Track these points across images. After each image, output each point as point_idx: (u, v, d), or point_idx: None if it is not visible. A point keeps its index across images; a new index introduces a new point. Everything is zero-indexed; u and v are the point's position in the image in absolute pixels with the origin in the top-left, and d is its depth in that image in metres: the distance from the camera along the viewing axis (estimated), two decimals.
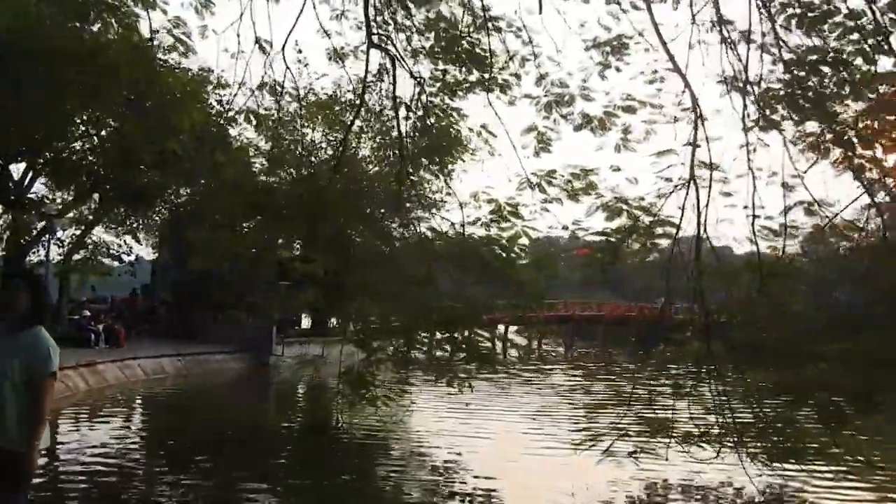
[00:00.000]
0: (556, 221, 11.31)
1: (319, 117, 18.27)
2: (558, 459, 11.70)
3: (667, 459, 9.74)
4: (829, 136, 9.11)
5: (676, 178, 9.32)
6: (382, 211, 13.68)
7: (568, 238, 11.54)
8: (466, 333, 12.03)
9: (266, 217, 15.19)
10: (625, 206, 10.12)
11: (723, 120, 10.23)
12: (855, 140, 9.07)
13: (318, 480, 10.69)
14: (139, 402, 19.06)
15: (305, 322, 35.57)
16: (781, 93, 8.95)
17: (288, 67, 10.98)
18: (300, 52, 23.04)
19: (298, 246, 17.49)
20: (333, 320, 33.68)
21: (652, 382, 10.65)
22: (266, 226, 14.37)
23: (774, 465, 9.21)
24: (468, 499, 9.76)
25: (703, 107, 9.51)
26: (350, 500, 9.70)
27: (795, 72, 9.23)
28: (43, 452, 4.53)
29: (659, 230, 9.91)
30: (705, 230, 9.05)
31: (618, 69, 11.13)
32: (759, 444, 9.12)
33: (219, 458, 11.71)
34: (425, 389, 13.39)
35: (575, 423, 14.41)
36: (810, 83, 9.08)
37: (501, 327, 20.46)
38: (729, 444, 9.37)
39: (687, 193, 8.94)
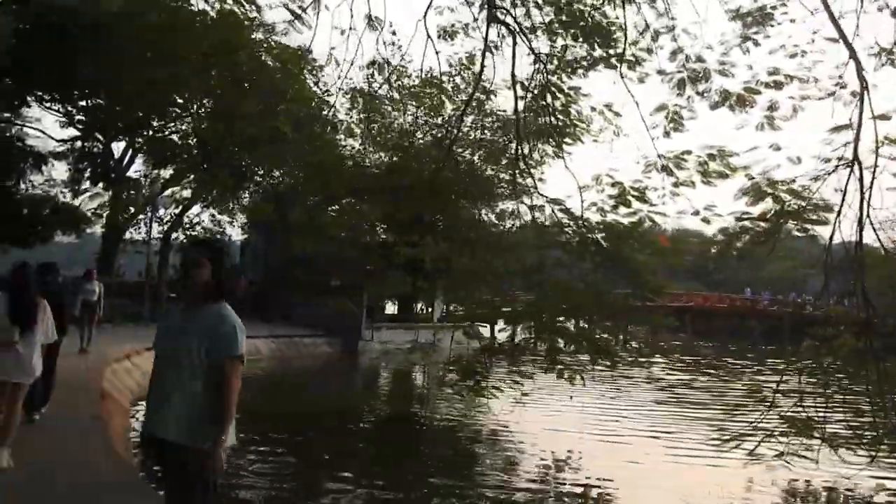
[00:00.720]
0: (688, 206, 10.76)
1: (428, 98, 18.15)
2: (682, 460, 11.22)
3: (816, 463, 9.17)
4: None
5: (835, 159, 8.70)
6: (495, 194, 13.39)
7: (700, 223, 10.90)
8: (586, 322, 11.69)
9: (369, 198, 15.18)
10: (770, 189, 9.49)
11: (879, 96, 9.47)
12: None
13: (418, 474, 10.41)
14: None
15: (390, 308, 35.79)
16: None
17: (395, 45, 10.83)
18: (394, 33, 22.96)
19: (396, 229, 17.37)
20: (421, 306, 33.94)
21: (795, 379, 10.00)
22: (368, 207, 14.39)
23: None
24: (581, 500, 9.28)
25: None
26: (452, 498, 9.29)
27: None
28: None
29: (812, 215, 9.27)
30: (868, 216, 8.38)
31: (756, 43, 10.51)
32: None
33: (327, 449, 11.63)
34: (534, 384, 12.97)
35: (701, 422, 13.79)
36: None
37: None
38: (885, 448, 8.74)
39: (850, 175, 8.29)
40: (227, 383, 3.69)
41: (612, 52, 11.08)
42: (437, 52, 11.54)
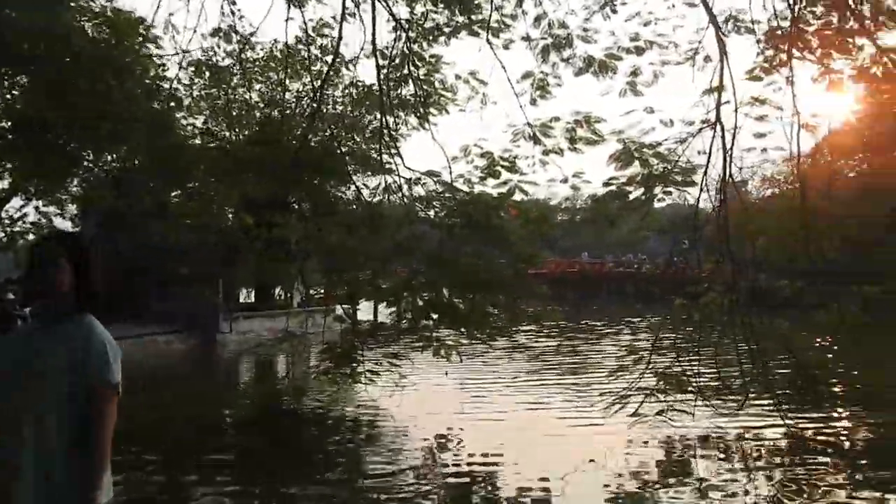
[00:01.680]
0: (558, 174, 10.90)
1: (276, 71, 17.27)
2: (566, 428, 11.45)
3: (692, 416, 9.64)
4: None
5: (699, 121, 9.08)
6: (359, 168, 12.96)
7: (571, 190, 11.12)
8: (462, 296, 11.62)
9: (225, 179, 14.25)
10: (637, 154, 9.77)
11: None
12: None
13: (290, 472, 9.88)
14: None
15: (247, 296, 34.35)
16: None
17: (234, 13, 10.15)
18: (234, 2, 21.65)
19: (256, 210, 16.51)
20: (279, 292, 32.76)
21: (668, 338, 10.47)
22: (224, 189, 13.52)
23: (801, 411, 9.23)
24: (469, 478, 9.15)
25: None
26: (333, 490, 8.86)
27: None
28: None
29: (675, 177, 9.64)
30: (731, 176, 8.83)
31: (613, 10, 10.75)
32: (785, 392, 9.11)
33: (169, 453, 10.75)
34: (412, 364, 12.76)
35: (582, 388, 14.13)
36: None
37: None
38: (754, 394, 9.33)
39: (714, 136, 8.68)
40: (100, 422, 2.86)
41: (474, 17, 10.95)
42: (287, 20, 10.91)
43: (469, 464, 9.67)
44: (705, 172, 8.78)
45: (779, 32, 9.55)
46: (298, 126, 12.92)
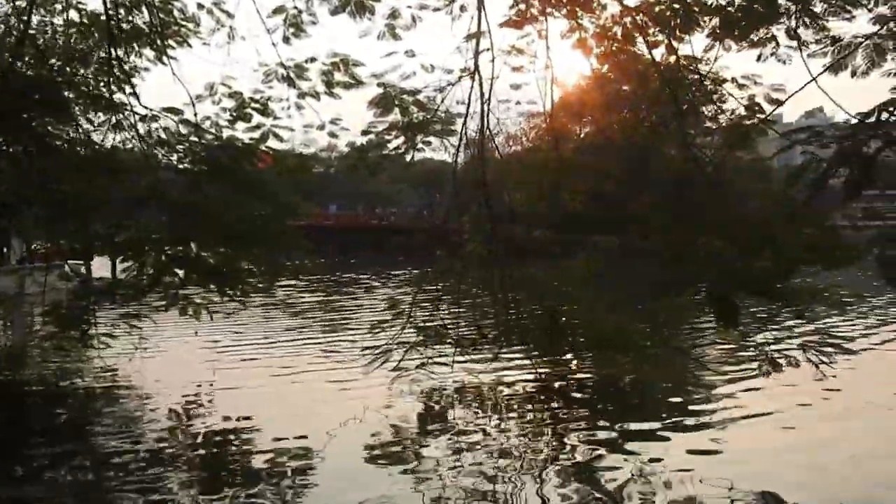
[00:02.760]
0: (315, 119, 10.25)
1: None
2: (325, 383, 11.11)
3: (451, 367, 9.73)
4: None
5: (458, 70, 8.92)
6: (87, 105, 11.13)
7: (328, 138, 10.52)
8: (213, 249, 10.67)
9: None
10: (398, 102, 9.43)
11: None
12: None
13: (15, 450, 8.60)
14: None
15: None
16: None
17: None
18: None
19: None
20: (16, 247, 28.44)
21: (430, 290, 10.42)
22: None
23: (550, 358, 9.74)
24: (222, 442, 8.55)
25: None
26: (65, 470, 7.81)
27: None
28: None
29: (434, 127, 9.46)
30: (489, 127, 8.84)
31: None
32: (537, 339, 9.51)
33: None
34: (155, 325, 11.57)
35: (341, 344, 13.80)
36: None
37: None
38: (508, 343, 9.64)
39: (472, 87, 8.58)
40: None
41: None
42: None
43: (222, 429, 9.00)
44: (465, 122, 8.70)
45: None
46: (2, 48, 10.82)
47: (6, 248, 27.19)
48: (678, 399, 9.91)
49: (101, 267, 13.24)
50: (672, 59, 8.52)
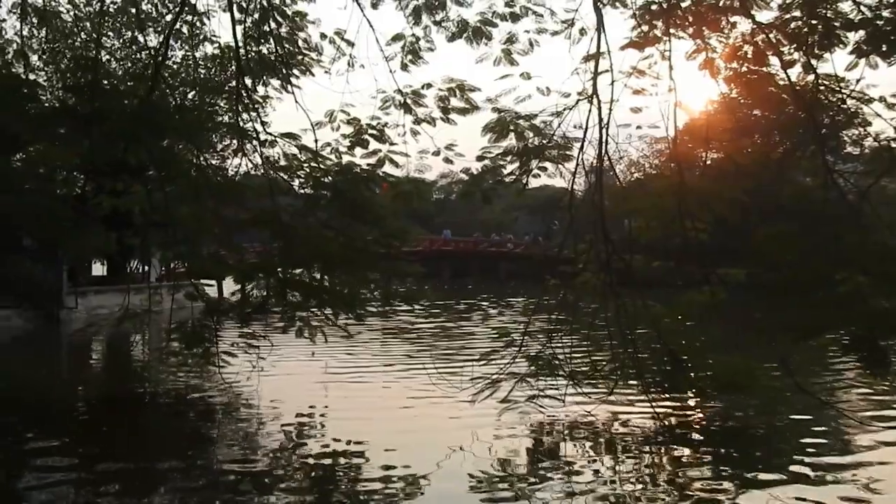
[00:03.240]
0: (430, 145, 10.25)
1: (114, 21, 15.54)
2: (434, 410, 10.96)
3: (563, 401, 9.35)
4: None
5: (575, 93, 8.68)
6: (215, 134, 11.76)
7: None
8: (329, 273, 10.86)
9: (60, 139, 12.72)
10: (513, 127, 9.27)
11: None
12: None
13: (140, 460, 8.94)
14: None
15: (98, 269, 31.90)
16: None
17: None
18: None
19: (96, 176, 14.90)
20: (136, 266, 30.55)
21: (541, 319, 10.12)
22: (59, 150, 11.99)
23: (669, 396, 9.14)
24: (331, 464, 8.56)
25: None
26: (183, 482, 8.07)
27: None
28: None
29: (550, 153, 9.24)
30: (607, 151, 8.50)
31: None
32: (655, 376, 8.98)
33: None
34: (271, 345, 11.85)
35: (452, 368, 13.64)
36: None
37: None
38: (624, 378, 9.16)
39: (590, 111, 8.30)
40: None
41: None
42: None
43: (332, 451, 9.05)
44: (582, 147, 8.41)
45: (654, 7, 9.28)
46: (141, 79, 11.54)
47: (147, 267, 29.09)
48: (812, 448, 9.03)
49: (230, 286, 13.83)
50: (810, 78, 7.91)
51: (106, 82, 11.88)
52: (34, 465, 8.25)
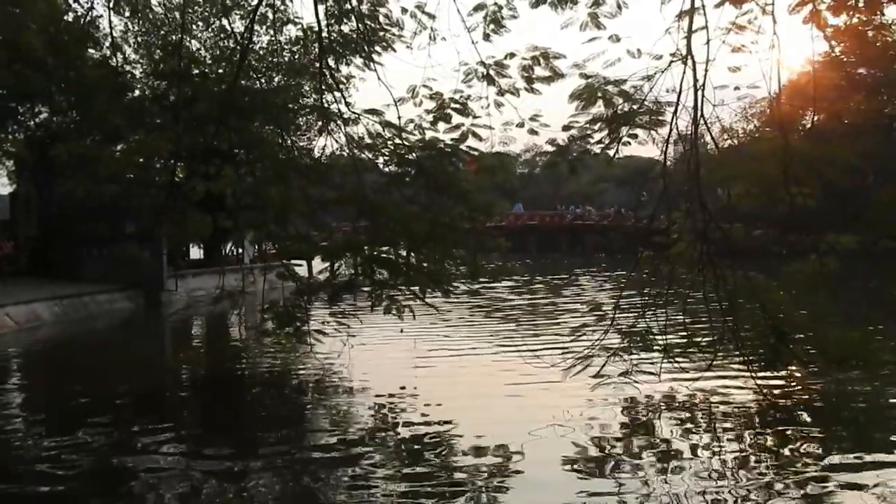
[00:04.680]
0: (514, 116, 10.01)
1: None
2: (526, 387, 10.84)
3: (658, 376, 9.04)
4: None
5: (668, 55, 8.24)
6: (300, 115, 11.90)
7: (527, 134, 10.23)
8: (417, 250, 10.84)
9: (153, 127, 13.17)
10: (601, 93, 8.90)
11: None
12: None
13: (240, 432, 9.26)
14: (13, 357, 16.56)
15: (196, 253, 33.16)
16: None
17: None
18: None
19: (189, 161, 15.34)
20: (231, 248, 31.61)
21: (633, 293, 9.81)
22: (153, 138, 12.38)
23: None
24: (424, 439, 8.52)
25: None
26: (276, 450, 8.33)
27: None
28: None
29: (641, 119, 8.83)
30: (702, 115, 8.06)
31: None
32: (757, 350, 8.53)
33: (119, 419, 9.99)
34: (360, 322, 11.95)
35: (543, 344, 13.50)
36: None
37: None
38: (724, 353, 8.75)
39: (684, 73, 7.86)
40: None
41: None
42: None
43: (424, 424, 9.11)
44: (675, 112, 7.99)
45: None
46: (229, 64, 11.76)
47: (241, 249, 30.03)
48: None
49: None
50: None
51: (196, 70, 12.15)
52: (140, 444, 8.57)
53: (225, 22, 13.74)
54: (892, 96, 38.31)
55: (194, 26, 18.67)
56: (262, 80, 11.69)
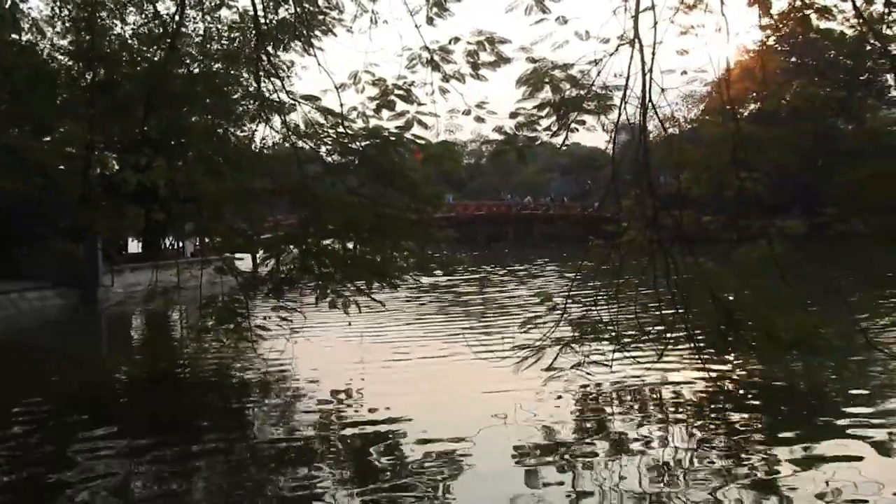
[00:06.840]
0: (460, 104, 9.72)
1: None
2: (475, 380, 10.64)
3: (610, 367, 8.94)
4: None
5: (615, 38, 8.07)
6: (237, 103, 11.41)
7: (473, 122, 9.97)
8: (361, 242, 10.53)
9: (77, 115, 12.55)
10: (547, 79, 8.71)
11: None
12: None
13: (181, 438, 8.79)
14: None
15: (134, 247, 32.17)
16: None
17: None
18: None
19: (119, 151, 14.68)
20: (171, 242, 30.69)
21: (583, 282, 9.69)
22: (79, 128, 11.79)
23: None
24: (371, 435, 8.28)
25: None
26: (217, 447, 8.06)
27: None
28: None
29: (589, 104, 8.66)
30: (651, 100, 7.92)
31: None
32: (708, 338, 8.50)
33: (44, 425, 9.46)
34: (304, 318, 11.58)
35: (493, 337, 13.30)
36: None
37: None
38: (674, 340, 8.70)
39: (632, 56, 7.71)
40: None
41: None
42: None
43: (371, 420, 8.87)
44: (623, 97, 7.84)
45: None
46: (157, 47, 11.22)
47: (182, 243, 29.14)
48: (880, 411, 8.49)
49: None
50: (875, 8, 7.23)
51: (125, 56, 11.59)
52: (77, 441, 8.22)
53: (160, 6, 13.21)
54: (834, 80, 39.51)
55: (125, 10, 17.84)
56: (198, 68, 11.15)
